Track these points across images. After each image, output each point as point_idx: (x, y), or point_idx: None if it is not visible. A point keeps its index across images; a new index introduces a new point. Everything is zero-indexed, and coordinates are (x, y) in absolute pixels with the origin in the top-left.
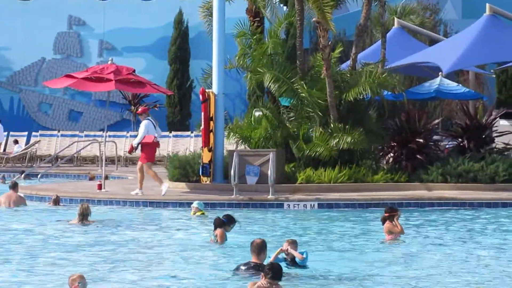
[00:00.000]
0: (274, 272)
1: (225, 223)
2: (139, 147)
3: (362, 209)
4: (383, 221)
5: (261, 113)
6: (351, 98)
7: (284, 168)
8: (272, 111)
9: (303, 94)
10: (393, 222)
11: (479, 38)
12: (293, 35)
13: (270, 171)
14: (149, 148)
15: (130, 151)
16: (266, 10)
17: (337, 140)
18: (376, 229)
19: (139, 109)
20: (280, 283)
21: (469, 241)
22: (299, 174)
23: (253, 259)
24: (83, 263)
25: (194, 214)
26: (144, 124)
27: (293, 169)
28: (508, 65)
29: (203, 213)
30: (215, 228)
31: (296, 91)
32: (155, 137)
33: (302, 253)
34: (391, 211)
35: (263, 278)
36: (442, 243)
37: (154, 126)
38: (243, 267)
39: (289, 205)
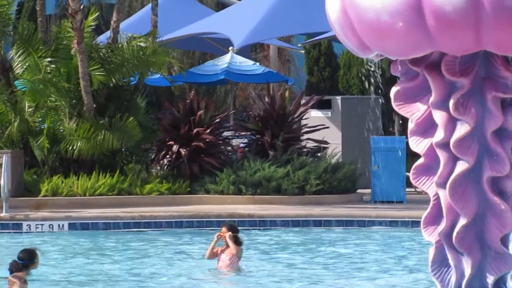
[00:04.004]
0: None
1: (27, 264)
2: None
3: (128, 230)
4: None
5: None
6: (114, 82)
7: (23, 176)
8: (4, 96)
9: (41, 77)
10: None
11: (282, 2)
12: None
13: (4, 180)
14: None
15: None
16: None
17: (101, 137)
18: (156, 254)
19: None
20: None
21: (271, 268)
22: (43, 184)
23: None
24: None
25: None
26: None
27: (35, 177)
28: (321, 37)
29: None
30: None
31: (40, 70)
32: None
33: None
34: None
35: None
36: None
37: None
38: None
39: (29, 226)
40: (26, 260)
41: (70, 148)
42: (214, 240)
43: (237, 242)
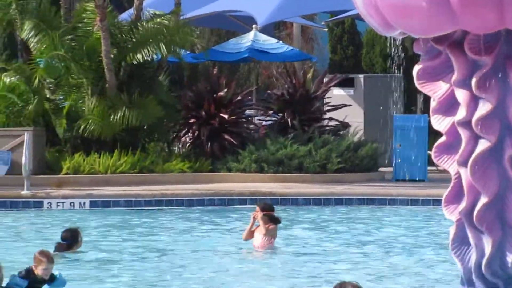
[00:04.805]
0: None
1: (71, 244)
2: None
3: (150, 208)
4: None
5: (14, 77)
6: (136, 60)
7: (45, 154)
8: (24, 74)
9: (63, 53)
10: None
11: None
12: None
13: (25, 158)
14: None
15: None
16: None
17: (121, 114)
18: (178, 232)
19: None
20: None
21: (295, 248)
22: (65, 162)
23: None
24: None
25: None
26: None
27: (57, 155)
28: (344, 15)
29: None
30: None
31: (63, 46)
32: None
33: (55, 276)
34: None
35: None
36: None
37: None
38: None
39: (50, 204)
40: (69, 240)
41: (83, 127)
42: (251, 222)
43: (273, 220)
